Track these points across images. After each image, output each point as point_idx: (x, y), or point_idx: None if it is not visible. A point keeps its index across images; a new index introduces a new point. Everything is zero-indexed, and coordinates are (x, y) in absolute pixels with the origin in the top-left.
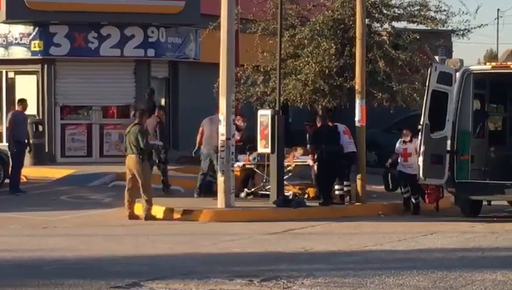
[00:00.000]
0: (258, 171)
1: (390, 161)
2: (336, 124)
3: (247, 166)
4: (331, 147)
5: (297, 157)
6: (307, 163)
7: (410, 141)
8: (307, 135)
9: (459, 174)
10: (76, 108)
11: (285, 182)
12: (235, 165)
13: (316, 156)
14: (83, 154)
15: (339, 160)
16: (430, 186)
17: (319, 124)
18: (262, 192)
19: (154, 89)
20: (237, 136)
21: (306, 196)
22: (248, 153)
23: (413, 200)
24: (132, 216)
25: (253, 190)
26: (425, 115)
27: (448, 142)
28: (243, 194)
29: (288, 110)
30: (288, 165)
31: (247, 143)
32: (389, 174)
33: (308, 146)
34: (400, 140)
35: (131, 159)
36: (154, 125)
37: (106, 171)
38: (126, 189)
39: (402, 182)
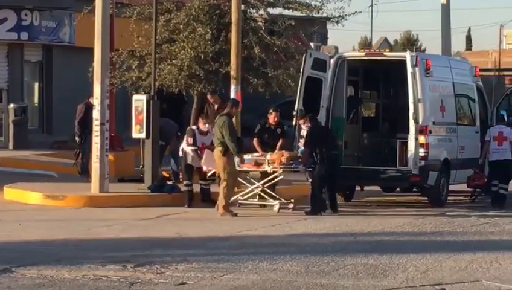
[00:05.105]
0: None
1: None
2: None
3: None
4: (332, 150)
5: (285, 163)
6: (297, 169)
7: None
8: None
9: None
10: None
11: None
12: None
13: (315, 160)
14: None
15: (337, 166)
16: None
17: (307, 124)
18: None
19: (216, 90)
20: None
21: (292, 206)
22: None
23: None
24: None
25: (246, 197)
26: (300, 101)
27: None
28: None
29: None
30: (274, 172)
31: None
32: None
33: (302, 148)
34: None
35: (215, 152)
36: (80, 111)
37: None
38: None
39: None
